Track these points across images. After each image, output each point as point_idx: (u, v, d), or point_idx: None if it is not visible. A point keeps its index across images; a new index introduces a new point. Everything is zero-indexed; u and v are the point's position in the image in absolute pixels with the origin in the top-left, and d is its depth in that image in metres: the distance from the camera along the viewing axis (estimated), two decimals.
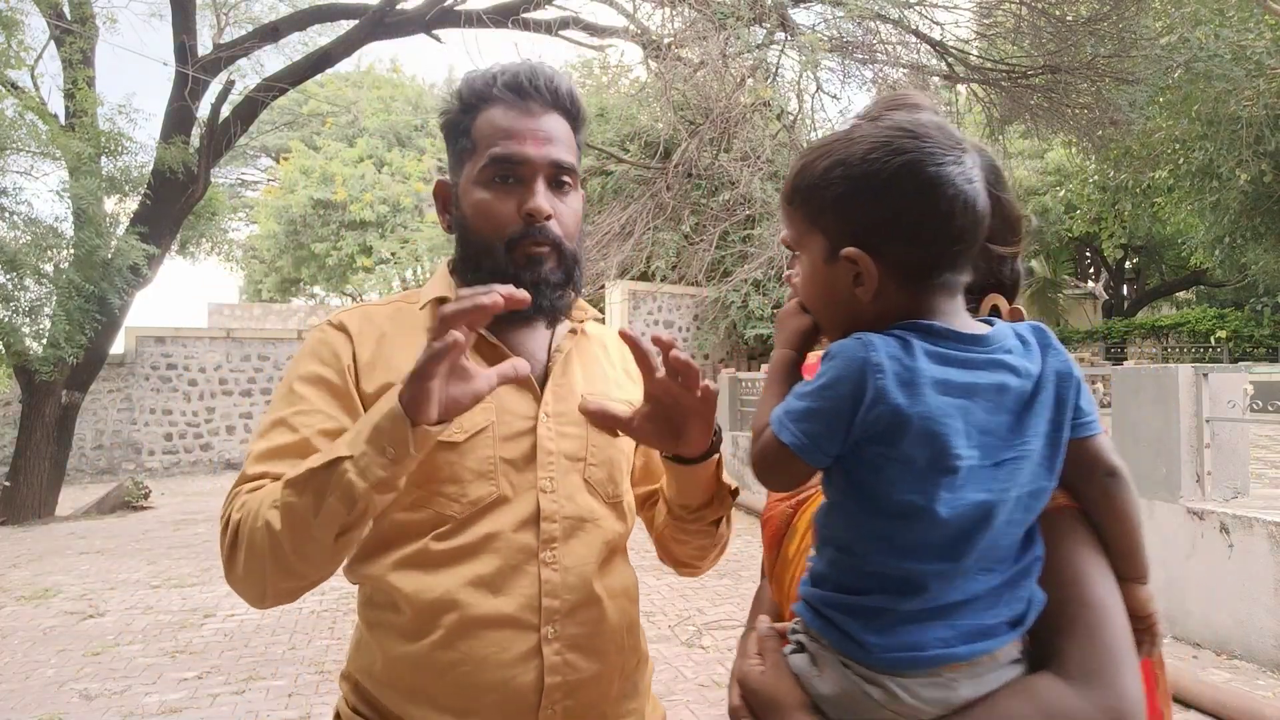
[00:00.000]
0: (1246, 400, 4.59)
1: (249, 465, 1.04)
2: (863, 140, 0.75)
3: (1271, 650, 3.94)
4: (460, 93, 1.15)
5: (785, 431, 0.73)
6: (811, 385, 0.74)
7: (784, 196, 0.83)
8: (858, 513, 0.73)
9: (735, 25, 7.75)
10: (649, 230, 9.72)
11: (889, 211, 0.74)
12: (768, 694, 0.77)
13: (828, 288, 0.79)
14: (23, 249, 8.38)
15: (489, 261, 1.12)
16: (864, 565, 0.73)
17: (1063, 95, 9.26)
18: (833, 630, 0.74)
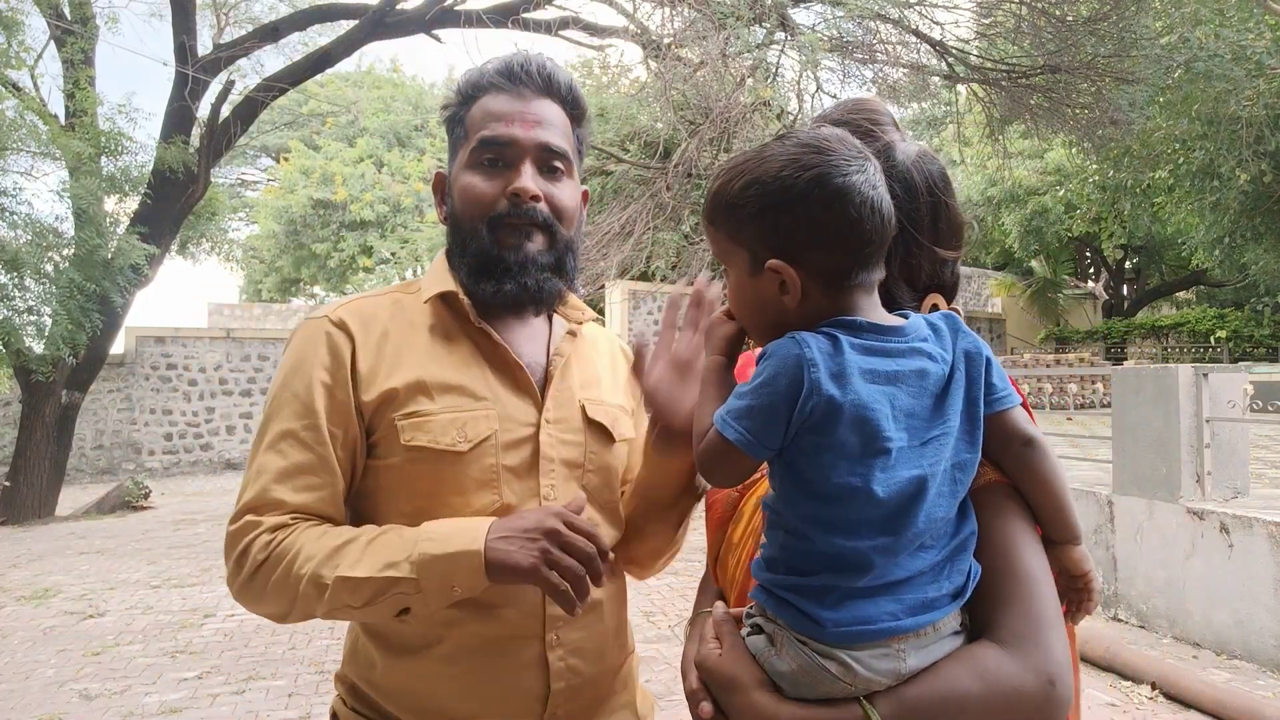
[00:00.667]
0: (1246, 400, 4.59)
1: (265, 484, 1.01)
2: (773, 159, 0.81)
3: (1271, 650, 3.93)
4: (459, 86, 1.16)
5: (729, 429, 0.77)
6: (750, 384, 0.78)
7: (705, 216, 0.88)
8: (801, 498, 0.77)
9: (735, 25, 7.74)
10: (649, 230, 9.72)
11: (804, 223, 0.79)
12: (726, 674, 0.79)
13: (755, 297, 0.85)
14: (23, 249, 8.38)
15: (474, 243, 1.11)
16: (812, 547, 0.77)
17: (1063, 95, 9.26)
18: (788, 610, 0.78)
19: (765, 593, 0.81)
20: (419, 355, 1.08)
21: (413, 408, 1.04)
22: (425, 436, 1.03)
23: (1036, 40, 9.06)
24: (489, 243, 1.10)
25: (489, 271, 1.10)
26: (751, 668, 0.79)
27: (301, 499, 1.01)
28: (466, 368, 1.09)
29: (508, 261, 1.09)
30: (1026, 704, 0.73)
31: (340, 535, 0.98)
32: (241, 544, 0.98)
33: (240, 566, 0.98)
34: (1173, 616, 4.42)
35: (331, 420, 1.04)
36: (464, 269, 1.13)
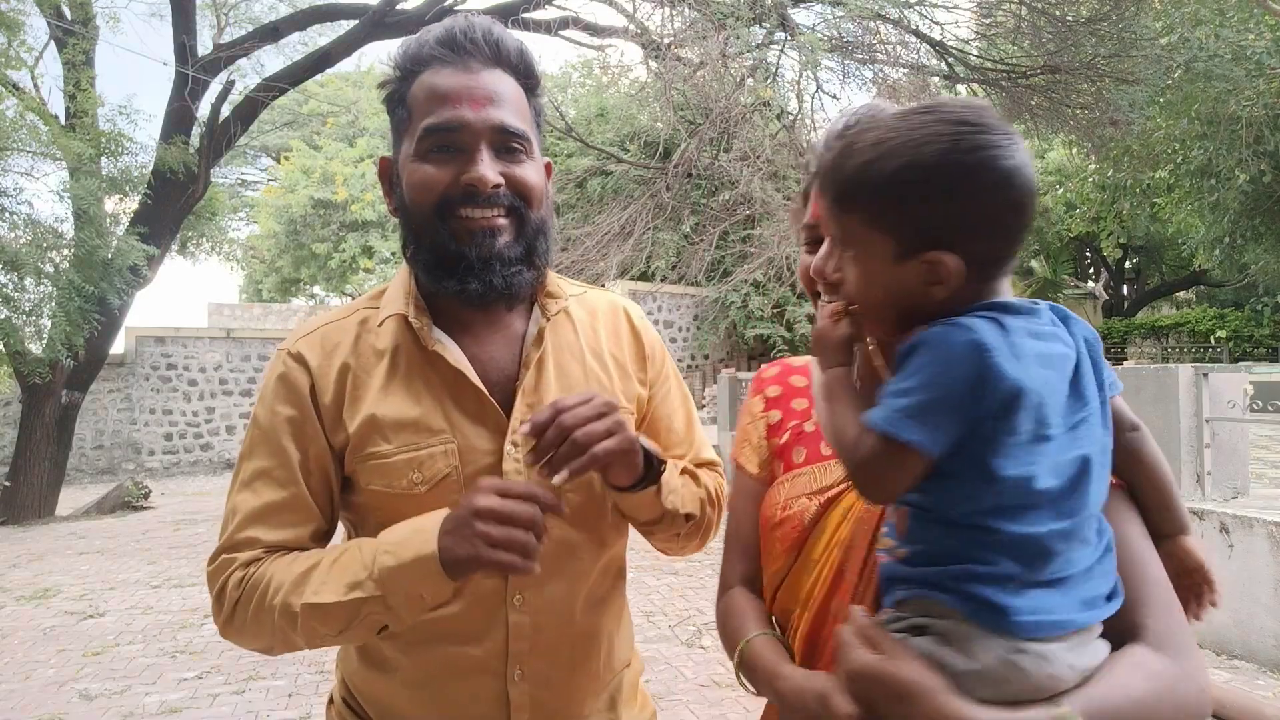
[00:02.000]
0: (1246, 400, 4.59)
1: (238, 525, 0.98)
2: (929, 139, 0.73)
3: (1271, 650, 3.94)
4: (396, 59, 1.02)
5: (907, 430, 0.71)
6: (911, 380, 0.72)
7: (833, 197, 0.79)
8: (974, 490, 0.73)
9: (735, 25, 7.75)
10: (649, 230, 9.72)
11: (970, 210, 0.73)
12: (902, 680, 0.71)
13: (894, 287, 0.78)
14: (23, 249, 8.39)
15: (428, 236, 1.00)
16: (989, 538, 0.73)
17: (1063, 95, 9.27)
18: (969, 602, 0.73)
19: (937, 587, 0.75)
20: (375, 388, 1.01)
21: (369, 449, 0.98)
22: (381, 481, 0.98)
23: (1036, 40, 9.06)
24: (445, 235, 0.98)
25: (449, 269, 0.99)
26: (929, 672, 0.71)
27: (277, 537, 0.98)
28: (422, 397, 1.00)
29: (469, 257, 0.98)
30: (1191, 710, 0.73)
31: (308, 559, 0.94)
32: (219, 582, 0.96)
33: (220, 605, 0.97)
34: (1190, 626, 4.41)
35: (303, 458, 0.99)
36: (420, 264, 1.02)
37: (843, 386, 0.82)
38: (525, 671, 1.01)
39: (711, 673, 4.04)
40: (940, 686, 0.70)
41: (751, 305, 13.73)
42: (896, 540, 0.81)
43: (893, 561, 0.81)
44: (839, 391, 0.81)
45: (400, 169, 1.02)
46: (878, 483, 0.76)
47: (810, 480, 1.00)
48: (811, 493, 0.98)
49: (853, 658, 0.75)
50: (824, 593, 0.93)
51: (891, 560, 0.81)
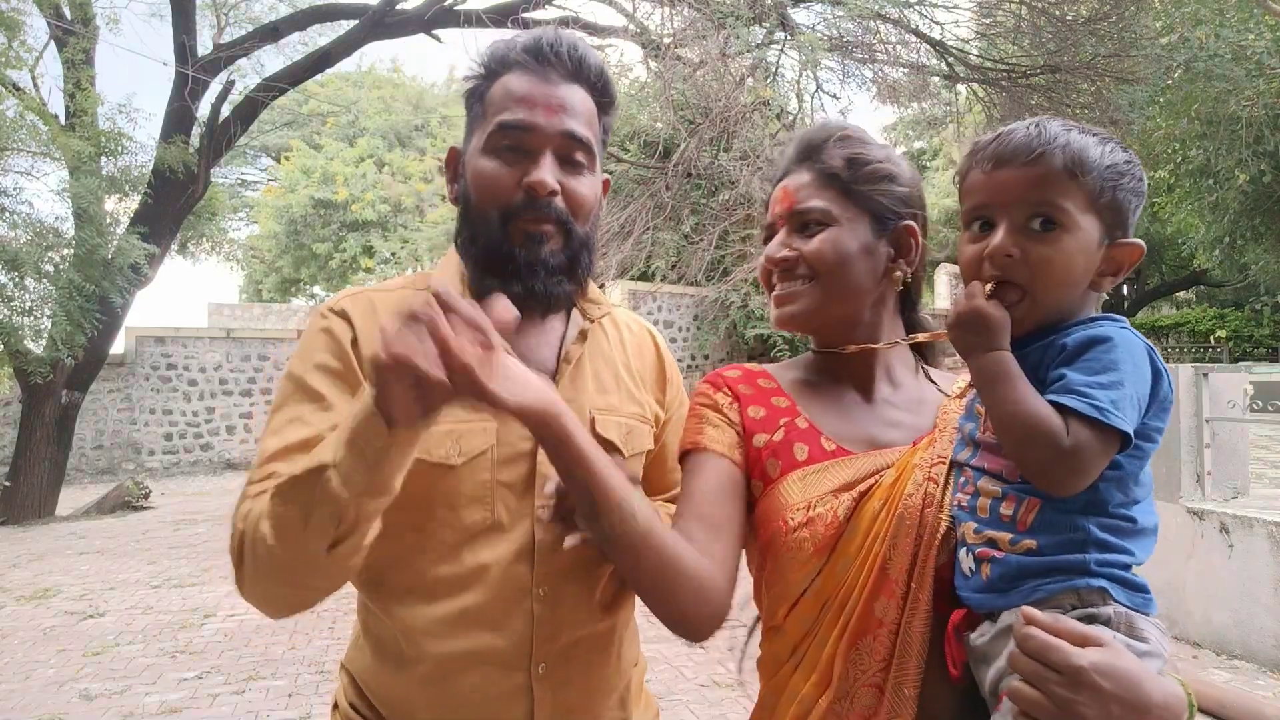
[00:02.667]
0: (1246, 400, 4.59)
1: (258, 465, 0.95)
2: (1128, 148, 0.85)
3: (1271, 650, 3.93)
4: (484, 59, 1.08)
5: (1122, 420, 0.76)
6: (1114, 374, 0.77)
7: (1066, 165, 0.81)
8: (1131, 482, 0.81)
9: (735, 25, 7.74)
10: (649, 230, 9.71)
11: (1137, 212, 0.85)
12: (1136, 670, 0.73)
13: (1086, 270, 0.83)
14: (23, 249, 8.39)
15: (484, 236, 1.04)
16: (1129, 525, 0.80)
17: (1063, 95, 9.26)
18: (1130, 590, 0.79)
19: (1097, 576, 0.78)
20: None
21: None
22: (420, 447, 0.93)
23: (1036, 40, 9.06)
24: (500, 237, 1.02)
25: (496, 268, 1.03)
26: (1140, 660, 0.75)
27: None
28: None
29: (518, 261, 1.02)
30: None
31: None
32: (233, 524, 0.91)
33: (231, 547, 0.90)
34: (1173, 616, 4.42)
35: (341, 405, 0.97)
36: (471, 260, 1.06)
37: (1013, 371, 0.81)
38: (548, 666, 1.01)
39: (711, 673, 4.04)
40: (1153, 670, 0.75)
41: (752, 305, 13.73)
42: (1015, 533, 0.81)
43: (1014, 555, 0.81)
44: (1012, 376, 0.81)
45: (467, 160, 1.07)
46: (1084, 470, 0.77)
47: (830, 476, 0.96)
48: (838, 488, 0.95)
49: (1074, 658, 0.71)
50: (868, 593, 0.90)
51: (1011, 554, 0.81)
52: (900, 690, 0.88)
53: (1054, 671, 0.71)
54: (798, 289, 1.02)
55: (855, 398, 1.06)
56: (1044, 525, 0.80)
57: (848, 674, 0.90)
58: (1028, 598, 0.80)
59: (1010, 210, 0.83)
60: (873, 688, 0.89)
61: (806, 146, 1.07)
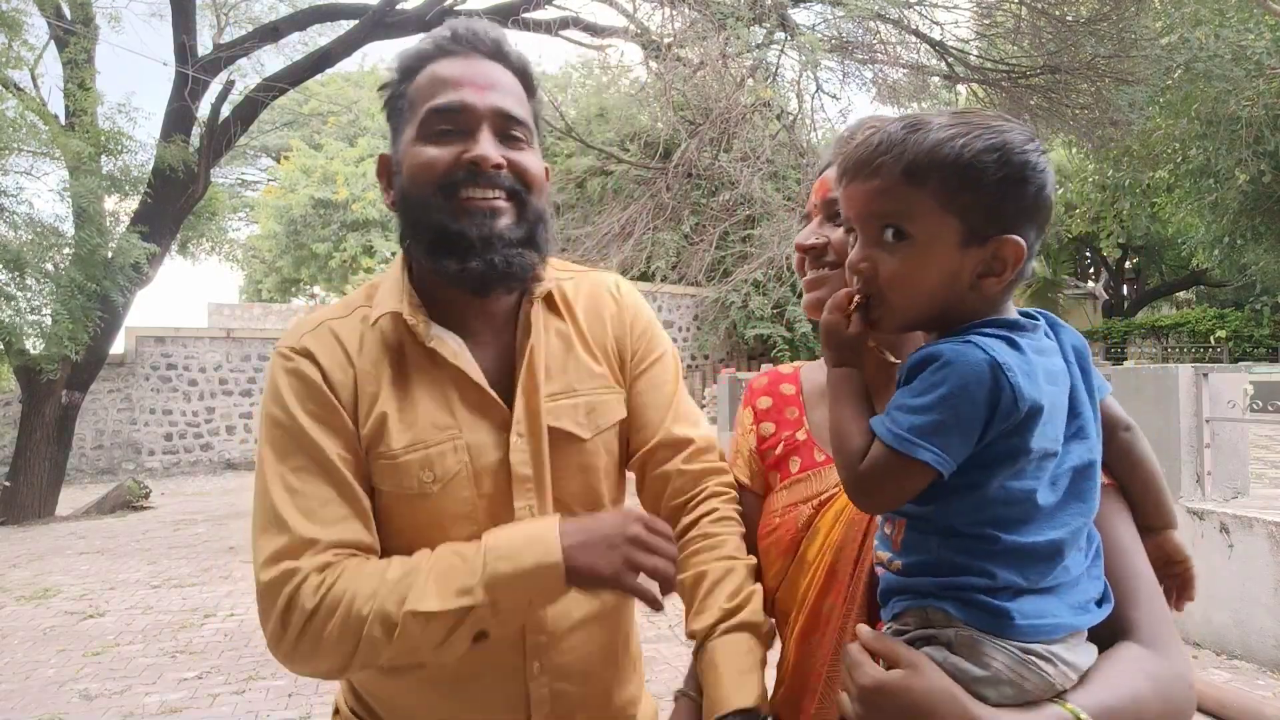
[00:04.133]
0: (1246, 400, 4.59)
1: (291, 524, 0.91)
2: (1005, 129, 0.74)
3: (1271, 650, 3.94)
4: (397, 64, 1.05)
5: (920, 450, 0.71)
6: (929, 396, 0.72)
7: (904, 169, 0.75)
8: (981, 503, 0.74)
9: (735, 25, 7.75)
10: (649, 230, 9.72)
11: (1033, 202, 0.75)
12: (935, 691, 0.71)
13: (948, 275, 0.76)
14: (24, 248, 8.39)
15: (426, 219, 0.98)
16: (995, 547, 0.74)
17: (1063, 95, 9.27)
18: (971, 609, 0.74)
19: (933, 597, 0.76)
20: (382, 386, 1.00)
21: (379, 448, 0.97)
22: (390, 482, 0.97)
23: (1036, 40, 9.06)
24: (445, 216, 0.97)
25: (450, 247, 0.97)
26: (948, 679, 0.72)
27: (336, 532, 0.92)
28: (426, 395, 1.00)
29: (470, 236, 0.96)
30: (1182, 703, 0.77)
31: (399, 567, 0.90)
32: (284, 595, 0.88)
33: (287, 621, 0.87)
34: (1172, 616, 4.41)
35: (338, 449, 0.96)
36: (420, 247, 1.00)
37: (851, 389, 0.80)
38: (544, 666, 1.01)
39: None
40: (961, 693, 0.71)
41: (752, 305, 13.74)
42: (891, 553, 0.81)
43: (889, 574, 0.81)
44: (847, 394, 0.80)
45: (400, 157, 1.02)
46: (876, 493, 0.76)
47: (806, 487, 1.02)
48: (806, 499, 1.00)
49: (868, 675, 0.74)
50: (816, 594, 0.96)
51: (888, 572, 0.82)
52: (833, 687, 0.92)
53: (855, 687, 0.74)
54: (826, 274, 1.02)
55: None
56: (907, 545, 0.80)
57: (800, 667, 0.97)
58: (890, 613, 0.81)
59: (862, 224, 0.80)
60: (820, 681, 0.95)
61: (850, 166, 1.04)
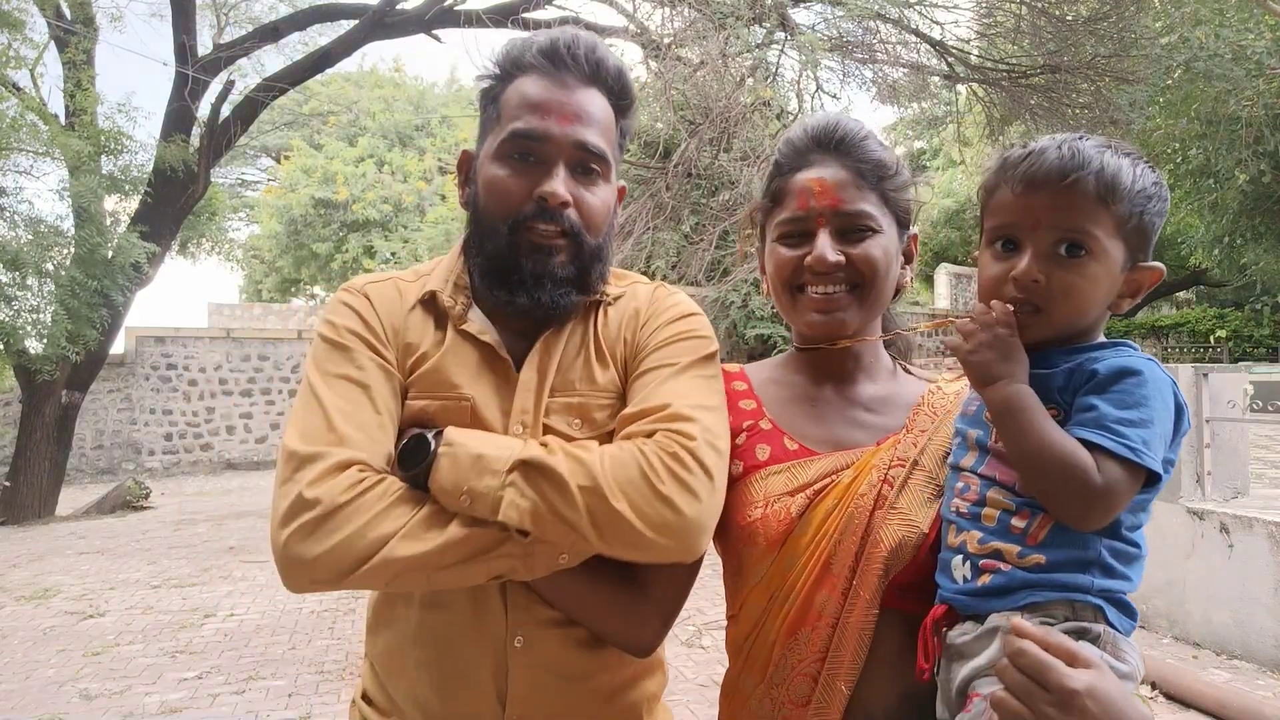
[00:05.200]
0: (1246, 400, 4.59)
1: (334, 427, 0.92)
2: (1153, 165, 0.84)
3: (1271, 650, 3.93)
4: (498, 59, 1.06)
5: (1154, 462, 0.77)
6: (1142, 411, 0.77)
7: (1098, 190, 0.80)
8: (1138, 510, 0.82)
9: (735, 25, 7.74)
10: (649, 230, 9.72)
11: (1156, 236, 0.85)
12: (1122, 696, 0.72)
13: (1109, 294, 0.84)
14: (24, 248, 8.39)
15: (492, 244, 1.03)
16: (1133, 550, 0.82)
17: (1063, 95, 9.26)
18: (1121, 614, 0.81)
19: (1097, 595, 0.80)
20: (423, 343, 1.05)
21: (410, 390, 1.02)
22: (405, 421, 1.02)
23: (1036, 40, 9.06)
24: (507, 246, 1.01)
25: (502, 278, 1.02)
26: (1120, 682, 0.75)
27: (376, 453, 0.94)
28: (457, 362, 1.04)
29: (524, 271, 1.01)
30: None
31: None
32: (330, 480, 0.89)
33: (305, 511, 0.87)
34: (1173, 616, 4.42)
35: (379, 367, 1.00)
36: (478, 267, 1.06)
37: (1035, 404, 0.81)
38: (526, 639, 1.00)
39: (712, 673, 4.04)
40: (1130, 693, 0.74)
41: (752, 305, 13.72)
42: (1023, 546, 0.82)
43: (1018, 567, 0.82)
44: (1037, 412, 0.80)
45: (479, 165, 1.06)
46: (1113, 508, 0.78)
47: (789, 477, 1.00)
48: (794, 489, 0.99)
49: (1077, 678, 0.71)
50: (809, 586, 0.94)
51: (1015, 566, 0.82)
52: (833, 683, 0.91)
53: (1044, 690, 0.71)
54: (842, 295, 1.01)
55: (830, 395, 1.08)
56: (1055, 542, 0.80)
57: (784, 661, 0.95)
58: (1020, 603, 0.80)
59: (1039, 234, 0.82)
60: (807, 677, 0.93)
61: (835, 136, 1.03)
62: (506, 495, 0.88)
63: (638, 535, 0.88)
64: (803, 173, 1.03)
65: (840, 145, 1.03)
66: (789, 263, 1.03)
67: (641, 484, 0.89)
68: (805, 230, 1.02)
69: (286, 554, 0.87)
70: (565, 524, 0.89)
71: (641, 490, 0.89)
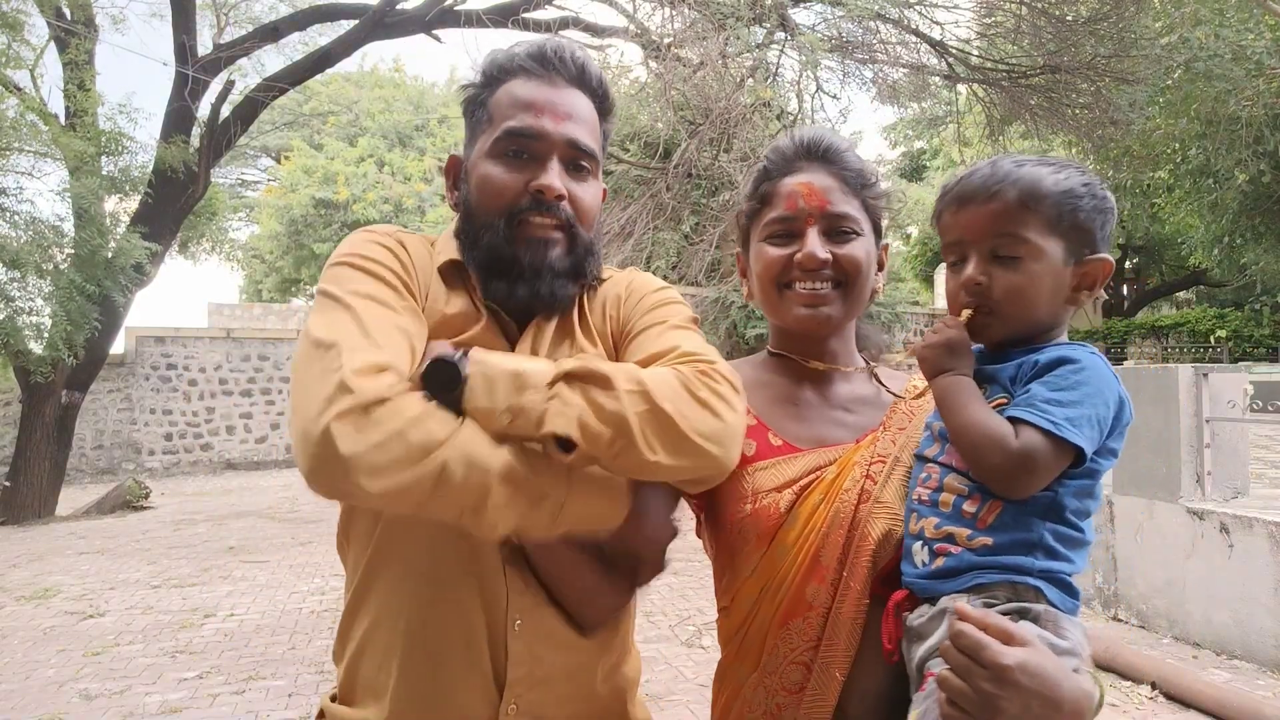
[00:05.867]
0: (1246, 400, 4.59)
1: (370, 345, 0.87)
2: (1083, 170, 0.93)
3: (1271, 650, 3.93)
4: (483, 67, 1.10)
5: (1078, 436, 0.83)
6: (1075, 393, 0.85)
7: (1018, 197, 0.91)
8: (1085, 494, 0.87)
9: (735, 25, 7.75)
10: (649, 230, 9.72)
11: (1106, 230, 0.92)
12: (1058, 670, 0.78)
13: (1054, 289, 0.92)
14: (24, 248, 8.38)
15: (488, 239, 1.04)
16: (1082, 537, 0.87)
17: (1063, 95, 9.27)
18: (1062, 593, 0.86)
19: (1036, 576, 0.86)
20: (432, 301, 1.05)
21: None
22: None
23: (1036, 40, 9.06)
24: (505, 239, 1.03)
25: (502, 271, 1.04)
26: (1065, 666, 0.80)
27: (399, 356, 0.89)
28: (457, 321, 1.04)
29: (523, 263, 1.02)
30: None
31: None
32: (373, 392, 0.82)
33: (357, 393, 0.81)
34: (1173, 616, 4.42)
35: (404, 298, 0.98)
36: (474, 263, 1.06)
37: (974, 390, 0.92)
38: (525, 623, 0.99)
39: (712, 672, 4.04)
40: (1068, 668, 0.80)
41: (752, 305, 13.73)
42: (974, 530, 0.89)
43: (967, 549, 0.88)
44: (972, 395, 0.91)
45: (470, 166, 1.08)
46: (1030, 475, 0.84)
47: (775, 473, 1.04)
48: (780, 485, 1.03)
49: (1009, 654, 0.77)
50: (800, 578, 0.98)
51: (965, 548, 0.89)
52: (829, 670, 0.96)
53: (981, 667, 0.77)
54: (828, 292, 1.08)
55: (810, 395, 1.14)
56: (1002, 525, 0.87)
57: (777, 651, 0.99)
58: (967, 585, 0.87)
59: (978, 245, 0.93)
60: (800, 665, 0.98)
61: (821, 146, 1.12)
62: (551, 406, 0.86)
63: (682, 438, 0.89)
64: (791, 177, 1.11)
65: (826, 155, 1.12)
66: (778, 260, 1.09)
67: (683, 392, 0.92)
68: (793, 230, 1.09)
69: (326, 443, 0.78)
70: (612, 426, 0.86)
71: (684, 397, 0.91)
